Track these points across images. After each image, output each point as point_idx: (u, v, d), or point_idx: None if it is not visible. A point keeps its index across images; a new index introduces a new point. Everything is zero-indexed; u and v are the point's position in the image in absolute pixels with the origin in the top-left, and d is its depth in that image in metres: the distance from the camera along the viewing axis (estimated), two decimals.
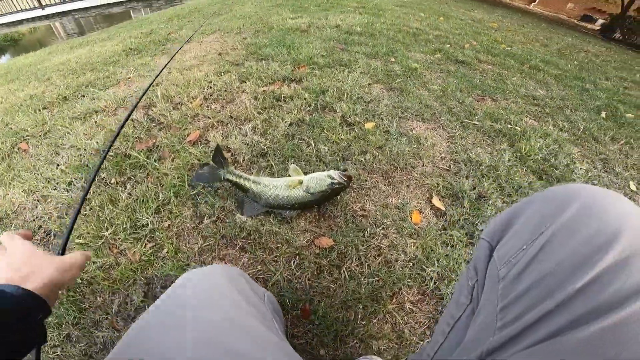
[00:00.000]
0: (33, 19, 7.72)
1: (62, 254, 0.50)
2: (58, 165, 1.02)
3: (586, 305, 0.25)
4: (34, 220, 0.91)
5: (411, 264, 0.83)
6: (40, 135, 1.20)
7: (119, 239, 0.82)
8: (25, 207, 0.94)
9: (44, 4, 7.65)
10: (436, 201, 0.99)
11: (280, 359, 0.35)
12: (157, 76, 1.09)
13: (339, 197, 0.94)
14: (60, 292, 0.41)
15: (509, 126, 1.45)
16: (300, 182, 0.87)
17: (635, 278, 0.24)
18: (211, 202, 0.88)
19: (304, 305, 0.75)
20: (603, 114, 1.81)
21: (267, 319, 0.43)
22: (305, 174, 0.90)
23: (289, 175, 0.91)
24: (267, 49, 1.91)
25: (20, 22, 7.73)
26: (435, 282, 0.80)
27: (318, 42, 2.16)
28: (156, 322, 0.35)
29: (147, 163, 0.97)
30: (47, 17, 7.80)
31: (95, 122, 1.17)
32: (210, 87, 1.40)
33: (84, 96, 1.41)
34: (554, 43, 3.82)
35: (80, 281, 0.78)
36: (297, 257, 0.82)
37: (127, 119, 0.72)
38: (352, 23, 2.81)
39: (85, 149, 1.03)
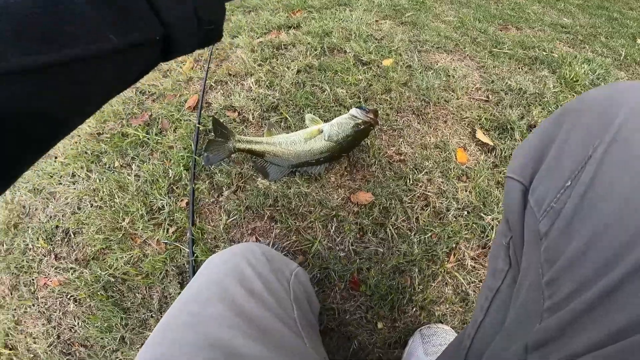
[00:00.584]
0: None
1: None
2: (56, 157, 0.91)
3: None
4: (48, 220, 0.83)
5: (465, 212, 0.72)
6: None
7: (138, 227, 0.74)
8: (36, 208, 0.86)
9: None
10: (481, 135, 0.85)
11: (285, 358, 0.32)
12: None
13: (368, 142, 0.80)
14: None
15: (544, 53, 1.27)
16: (320, 131, 0.73)
17: None
18: (226, 169, 0.77)
19: (351, 275, 0.66)
20: (639, 41, 1.63)
21: (286, 308, 0.40)
22: (325, 122, 0.76)
23: (306, 127, 0.77)
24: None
25: None
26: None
27: None
28: (171, 320, 0.33)
29: (149, 138, 0.85)
30: None
31: None
32: None
33: None
34: None
35: (114, 279, 0.72)
36: (335, 219, 0.72)
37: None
38: None
39: (79, 135, 0.92)
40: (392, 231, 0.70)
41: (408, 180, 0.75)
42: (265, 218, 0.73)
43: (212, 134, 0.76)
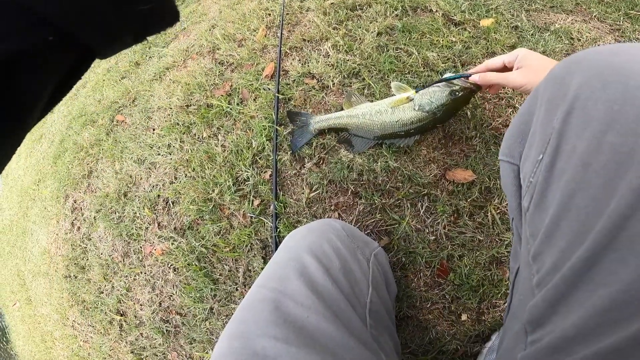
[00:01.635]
0: None
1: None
2: (154, 129, 1.00)
3: None
4: (152, 189, 0.92)
5: None
6: (130, 105, 1.21)
7: (226, 199, 0.77)
8: (141, 178, 0.96)
9: None
10: None
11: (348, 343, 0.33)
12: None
13: (468, 112, 0.69)
14: None
15: None
16: (409, 100, 0.64)
17: None
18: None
19: (440, 262, 0.61)
20: None
21: (360, 290, 0.40)
22: (415, 89, 0.66)
23: (393, 96, 0.69)
24: None
25: None
26: None
27: None
28: (253, 296, 0.35)
29: (231, 108, 0.86)
30: None
31: (170, 79, 1.10)
32: (269, 15, 1.17)
33: (151, 57, 1.36)
34: None
35: (206, 250, 0.77)
36: (426, 198, 0.64)
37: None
38: None
39: (170, 108, 0.98)
40: (494, 216, 0.61)
41: None
42: (349, 193, 0.69)
43: (290, 124, 0.75)
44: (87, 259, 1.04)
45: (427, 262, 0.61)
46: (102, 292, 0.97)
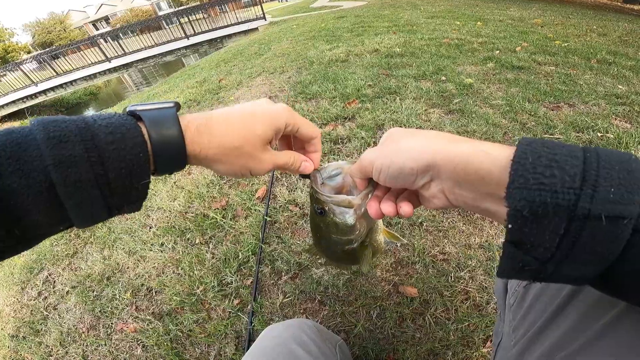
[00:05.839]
0: (104, 72, 8.83)
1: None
2: (150, 227, 1.19)
3: (574, 315, 0.31)
4: (137, 278, 1.06)
5: None
6: None
7: (209, 296, 0.93)
8: (128, 267, 1.11)
9: (109, 56, 8.92)
10: None
11: None
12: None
13: (414, 244, 0.94)
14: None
15: (599, 134, 1.33)
16: None
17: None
18: (287, 258, 0.95)
19: (387, 355, 0.77)
20: None
21: None
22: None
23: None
24: (313, 87, 2.04)
25: (95, 75, 8.78)
26: None
27: (361, 70, 2.25)
28: None
29: (224, 222, 1.08)
30: (115, 69, 8.96)
31: (174, 182, 1.36)
32: None
33: None
34: (611, 31, 3.49)
35: (181, 334, 0.89)
36: (378, 307, 0.83)
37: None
38: (390, 44, 2.88)
39: (170, 211, 1.20)
40: (430, 320, 0.80)
41: (450, 277, 0.86)
42: (316, 301, 0.87)
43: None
44: (46, 325, 1.05)
45: (377, 354, 0.76)
46: (52, 356, 0.97)
